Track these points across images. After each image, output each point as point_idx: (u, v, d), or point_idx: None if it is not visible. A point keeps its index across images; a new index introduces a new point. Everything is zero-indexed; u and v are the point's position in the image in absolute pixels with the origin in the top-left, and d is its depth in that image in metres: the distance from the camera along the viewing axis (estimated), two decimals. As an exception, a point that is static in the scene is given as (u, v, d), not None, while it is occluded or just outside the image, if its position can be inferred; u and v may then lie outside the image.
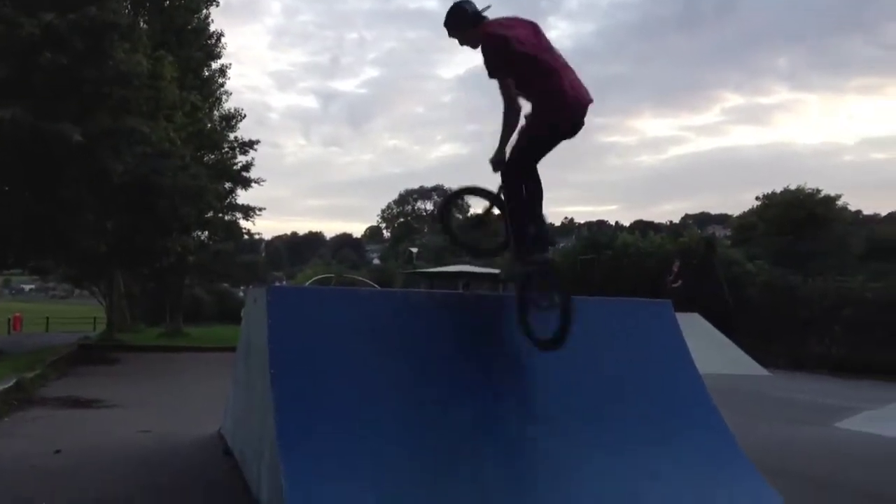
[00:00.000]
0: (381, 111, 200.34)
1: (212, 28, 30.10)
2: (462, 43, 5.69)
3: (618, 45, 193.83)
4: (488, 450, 5.26)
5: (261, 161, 36.17)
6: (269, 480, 5.14)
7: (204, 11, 29.00)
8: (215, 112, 30.76)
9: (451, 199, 6.99)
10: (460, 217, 5.27)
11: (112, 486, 6.20)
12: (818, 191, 40.92)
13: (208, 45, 29.89)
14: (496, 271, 31.96)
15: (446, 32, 5.72)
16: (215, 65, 30.84)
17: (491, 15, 5.58)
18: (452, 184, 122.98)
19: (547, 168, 5.63)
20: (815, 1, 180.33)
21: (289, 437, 4.84)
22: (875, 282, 23.36)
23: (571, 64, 5.48)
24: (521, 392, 5.75)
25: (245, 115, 32.09)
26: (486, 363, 5.83)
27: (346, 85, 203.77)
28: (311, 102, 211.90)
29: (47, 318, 40.74)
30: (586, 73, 5.52)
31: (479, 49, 5.49)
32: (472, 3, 5.63)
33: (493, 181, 5.77)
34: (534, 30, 5.57)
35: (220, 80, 31.34)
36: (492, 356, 5.90)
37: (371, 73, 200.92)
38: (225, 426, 8.04)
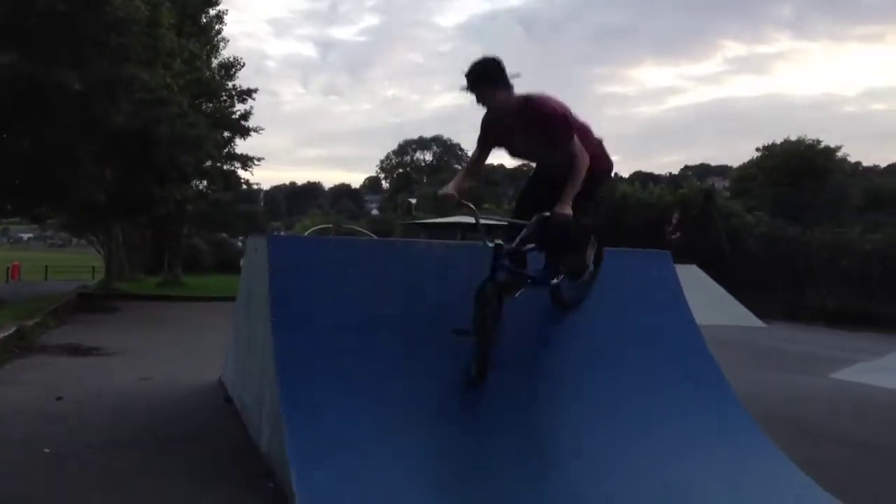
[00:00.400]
0: (380, 60, 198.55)
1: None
2: (480, 100, 5.11)
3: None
4: (486, 395, 5.30)
5: (258, 110, 36.19)
6: (270, 426, 5.20)
7: (201, -43, 28.54)
8: (213, 60, 30.46)
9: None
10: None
11: (115, 431, 6.27)
12: (818, 142, 40.77)
13: (206, -10, 29.48)
14: (494, 221, 31.92)
15: (465, 84, 5.08)
16: (213, 11, 30.46)
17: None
18: (452, 134, 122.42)
19: None
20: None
21: (289, 383, 4.89)
22: (873, 233, 23.42)
23: (574, 13, 5.38)
24: (519, 340, 5.78)
25: (244, 65, 31.80)
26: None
27: (345, 33, 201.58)
28: (309, 50, 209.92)
29: (46, 266, 40.74)
30: (585, 24, 5.49)
31: (518, 117, 5.15)
32: None
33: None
34: None
35: (218, 27, 30.98)
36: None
37: (370, 20, 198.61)
38: (225, 374, 8.10)
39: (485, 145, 5.50)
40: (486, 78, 5.06)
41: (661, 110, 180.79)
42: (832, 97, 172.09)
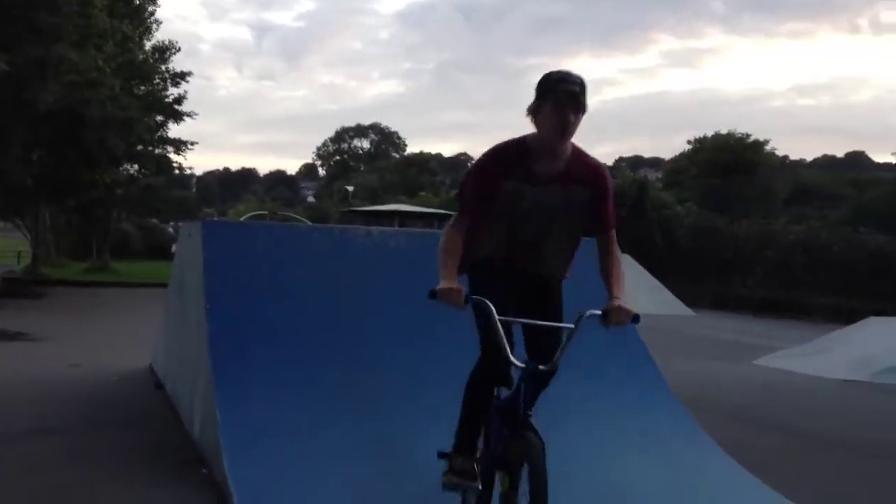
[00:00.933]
0: (317, 46, 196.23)
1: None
2: (573, 120, 3.62)
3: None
4: (422, 386, 5.35)
5: (192, 94, 35.35)
6: (203, 413, 5.18)
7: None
8: (146, 42, 29.87)
9: None
10: None
11: (44, 419, 6.17)
12: (747, 136, 41.79)
13: (138, -29, 28.88)
14: (430, 210, 32.06)
15: (579, 105, 3.63)
16: (146, -9, 29.85)
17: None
18: (389, 122, 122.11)
19: (483, 110, 5.58)
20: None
21: (223, 369, 4.87)
22: (797, 224, 24.10)
23: (514, 2, 4.86)
24: (454, 328, 5.84)
25: (179, 48, 31.25)
26: (422, 300, 5.89)
27: (281, 17, 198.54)
28: (244, 34, 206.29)
29: (-31, 251, 39.60)
30: (525, 14, 5.53)
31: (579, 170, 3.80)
32: None
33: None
34: None
35: (151, 9, 30.37)
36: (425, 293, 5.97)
37: (307, 5, 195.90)
38: (156, 360, 8.02)
39: (489, 199, 3.75)
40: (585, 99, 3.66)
41: (598, 101, 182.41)
42: (761, 92, 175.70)
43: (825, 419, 7.84)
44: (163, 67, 30.20)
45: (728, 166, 39.08)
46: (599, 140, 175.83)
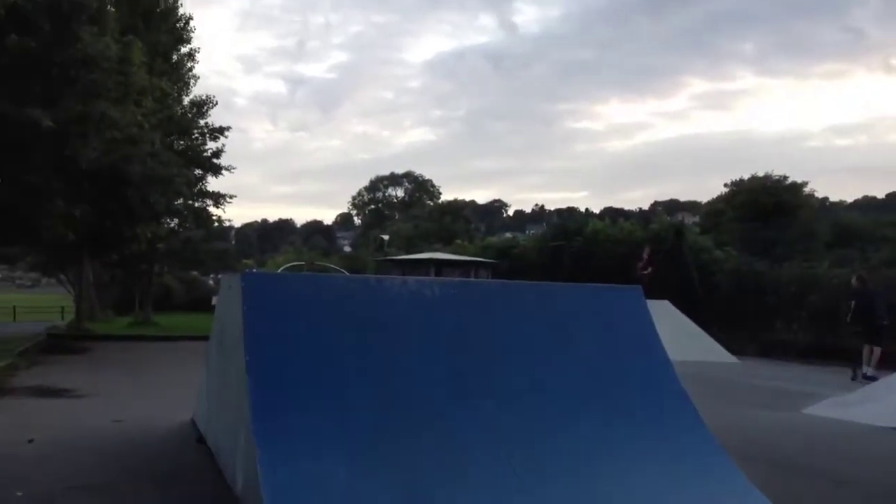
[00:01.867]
0: (349, 96, 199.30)
1: (180, 11, 29.74)
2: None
3: (584, 30, 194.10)
4: (458, 433, 5.31)
5: (229, 147, 35.69)
6: (244, 467, 5.16)
7: (172, -6, 28.62)
8: (185, 97, 30.44)
9: None
10: None
11: (87, 474, 6.18)
12: (785, 178, 41.45)
13: (177, 29, 29.52)
14: (466, 258, 32.07)
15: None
16: (184, 49, 30.50)
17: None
18: (423, 170, 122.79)
19: (515, 156, 5.65)
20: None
21: (264, 423, 4.86)
22: (840, 268, 23.70)
23: (540, 49, 5.28)
24: (492, 377, 5.80)
25: (217, 103, 31.78)
26: (460, 349, 5.88)
27: (314, 69, 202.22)
28: (278, 87, 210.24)
29: (14, 307, 40.20)
30: (552, 60, 5.57)
31: None
32: None
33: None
34: None
35: (189, 65, 31.00)
36: (464, 342, 5.96)
37: (338, 57, 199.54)
38: (197, 414, 8.03)
39: None
40: None
41: (630, 146, 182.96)
42: (797, 133, 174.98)
43: (875, 468, 7.62)
44: (201, 122, 30.70)
45: (767, 209, 38.74)
46: (633, 184, 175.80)
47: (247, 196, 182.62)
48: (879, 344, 15.82)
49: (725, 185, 45.15)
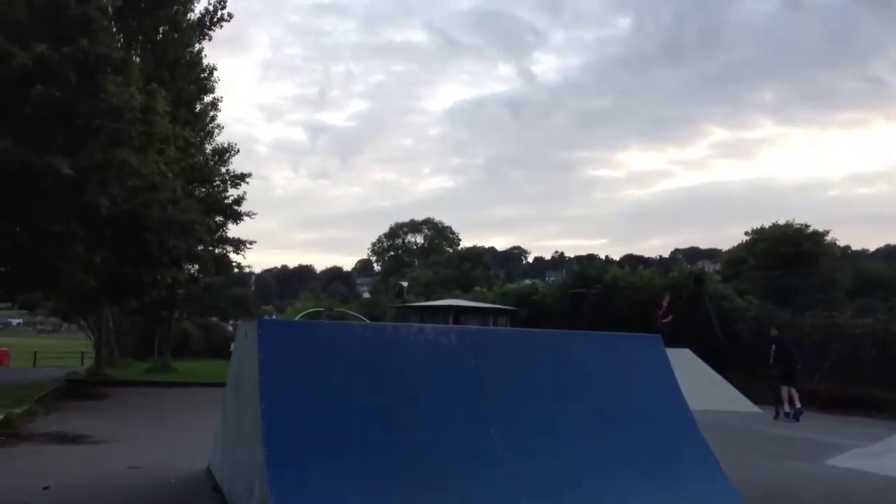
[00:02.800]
0: (369, 144, 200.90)
1: (205, 62, 30.18)
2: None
3: (603, 79, 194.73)
4: (474, 480, 5.26)
5: (249, 193, 35.66)
6: (259, 516, 5.12)
7: (197, 46, 29.07)
8: (207, 145, 30.79)
9: None
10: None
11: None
12: (806, 226, 41.23)
13: (201, 79, 29.95)
14: (485, 305, 31.99)
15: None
16: (207, 98, 30.92)
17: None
18: (442, 217, 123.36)
19: (534, 203, 5.71)
20: (800, 33, 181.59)
21: (278, 471, 4.84)
22: (863, 317, 23.45)
23: (559, 98, 5.45)
24: (508, 425, 5.76)
25: (238, 150, 32.13)
26: (475, 396, 5.85)
27: (334, 118, 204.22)
28: (299, 135, 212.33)
29: (35, 352, 40.39)
30: (571, 109, 5.64)
31: None
32: None
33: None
34: None
35: (212, 114, 31.41)
36: (480, 390, 5.92)
37: (358, 105, 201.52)
38: (213, 462, 8.00)
39: None
40: None
41: (650, 194, 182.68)
42: (817, 181, 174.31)
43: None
44: (223, 169, 31.01)
45: (788, 257, 38.50)
46: (652, 232, 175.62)
47: (267, 242, 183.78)
48: (793, 384, 17.93)
49: (746, 233, 45.05)
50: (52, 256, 17.31)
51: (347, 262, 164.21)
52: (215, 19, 27.98)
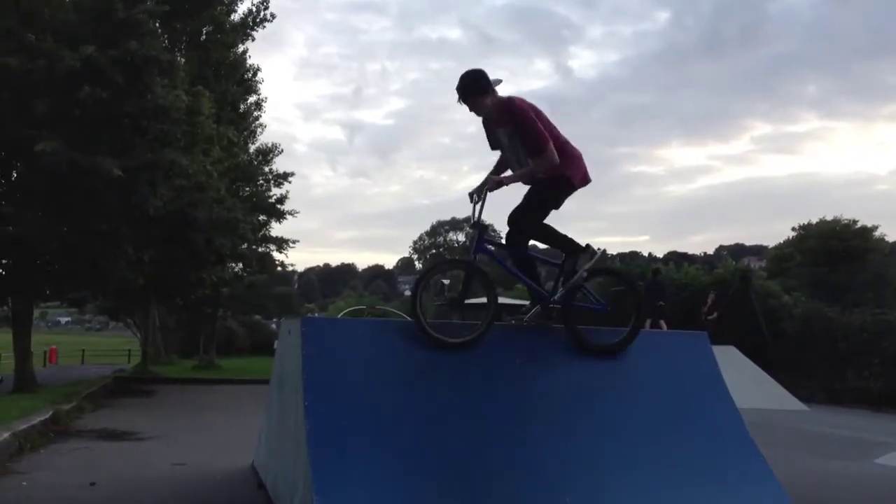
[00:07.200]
0: (407, 142, 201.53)
1: (248, 62, 30.41)
2: (472, 109, 6.04)
3: (642, 74, 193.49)
4: (519, 481, 5.23)
5: (290, 192, 35.54)
6: (303, 513, 5.13)
7: (241, 47, 29.31)
8: (251, 145, 31.08)
9: (425, 279, 6.88)
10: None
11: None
12: (854, 222, 40.47)
13: (245, 80, 30.22)
14: (524, 302, 31.85)
15: (458, 97, 5.97)
16: (251, 98, 31.20)
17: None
18: (485, 215, 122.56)
19: (577, 199, 5.79)
20: (841, 26, 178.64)
21: (323, 469, 4.84)
22: (914, 314, 23.01)
23: (598, 94, 5.56)
24: (552, 424, 5.71)
25: (282, 150, 32.38)
26: (519, 395, 5.81)
27: (371, 116, 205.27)
28: (336, 133, 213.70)
29: (83, 350, 41.14)
30: (610, 104, 5.72)
31: (497, 113, 6.06)
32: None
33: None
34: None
35: (256, 114, 31.71)
36: (524, 388, 5.89)
37: (395, 103, 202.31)
38: (258, 459, 8.05)
39: (492, 147, 6.45)
40: (472, 89, 5.95)
41: (692, 189, 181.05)
42: (863, 176, 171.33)
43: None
44: (266, 169, 31.29)
45: (836, 253, 37.83)
46: (695, 228, 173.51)
47: (309, 241, 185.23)
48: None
49: (793, 228, 44.29)
50: (100, 256, 17.55)
51: (389, 261, 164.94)
52: (258, 20, 28.26)
